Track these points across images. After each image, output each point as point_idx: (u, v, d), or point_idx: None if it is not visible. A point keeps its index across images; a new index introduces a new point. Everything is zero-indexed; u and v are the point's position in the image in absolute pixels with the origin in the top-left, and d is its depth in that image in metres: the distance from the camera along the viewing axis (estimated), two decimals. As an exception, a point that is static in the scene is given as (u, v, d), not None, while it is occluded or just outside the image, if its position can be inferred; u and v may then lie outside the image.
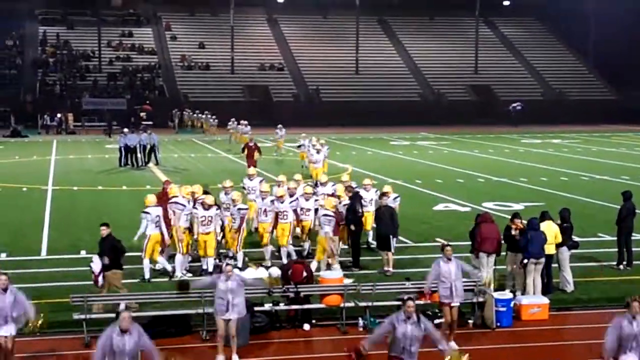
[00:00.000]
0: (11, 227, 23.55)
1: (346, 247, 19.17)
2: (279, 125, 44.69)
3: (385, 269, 18.11)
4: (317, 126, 59.92)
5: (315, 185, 22.90)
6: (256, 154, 34.14)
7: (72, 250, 20.11)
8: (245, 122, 48.77)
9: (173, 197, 18.50)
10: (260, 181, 21.82)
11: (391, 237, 18.32)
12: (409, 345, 10.66)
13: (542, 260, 15.92)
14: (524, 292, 15.86)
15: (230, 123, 50.88)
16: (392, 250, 18.37)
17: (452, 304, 13.49)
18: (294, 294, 14.70)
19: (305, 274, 14.95)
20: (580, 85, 77.11)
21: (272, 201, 19.01)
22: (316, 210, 19.01)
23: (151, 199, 18.03)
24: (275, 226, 18.87)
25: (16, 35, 73.47)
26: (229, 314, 12.72)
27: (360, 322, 14.66)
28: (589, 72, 79.39)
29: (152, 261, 17.82)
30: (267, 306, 14.70)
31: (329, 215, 17.85)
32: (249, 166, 32.52)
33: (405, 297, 11.17)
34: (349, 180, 21.74)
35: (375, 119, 65.67)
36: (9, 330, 12.06)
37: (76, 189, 30.29)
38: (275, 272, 15.65)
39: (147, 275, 17.52)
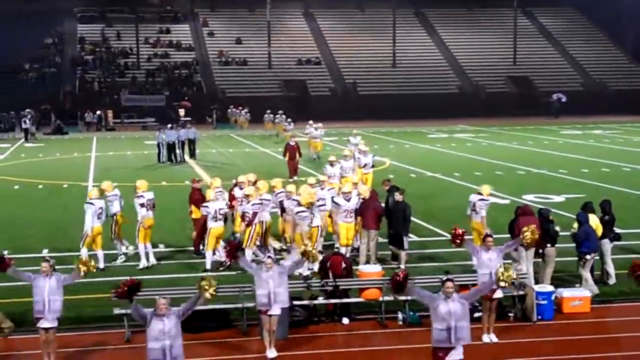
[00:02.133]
0: (52, 223, 23.84)
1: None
2: (318, 124, 40.54)
3: (401, 266, 17.47)
4: (354, 120, 59.83)
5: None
6: (297, 156, 32.67)
7: (112, 246, 20.27)
8: (289, 120, 48.65)
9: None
10: (341, 167, 22.31)
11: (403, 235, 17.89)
12: (453, 323, 10.64)
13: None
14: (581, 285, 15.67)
15: (277, 116, 50.83)
16: (406, 248, 17.90)
17: (493, 296, 13.40)
18: (332, 287, 14.67)
19: (344, 265, 14.93)
20: (621, 75, 76.01)
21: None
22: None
23: (94, 192, 18.60)
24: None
25: (55, 34, 74.30)
26: (273, 310, 12.73)
27: (400, 315, 14.60)
28: (629, 61, 78.25)
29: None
30: (306, 300, 14.70)
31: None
32: (290, 169, 32.23)
33: (444, 277, 11.18)
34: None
35: (412, 112, 65.34)
36: (54, 322, 12.25)
37: (116, 185, 30.57)
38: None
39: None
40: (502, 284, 11.59)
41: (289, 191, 18.53)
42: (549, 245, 15.98)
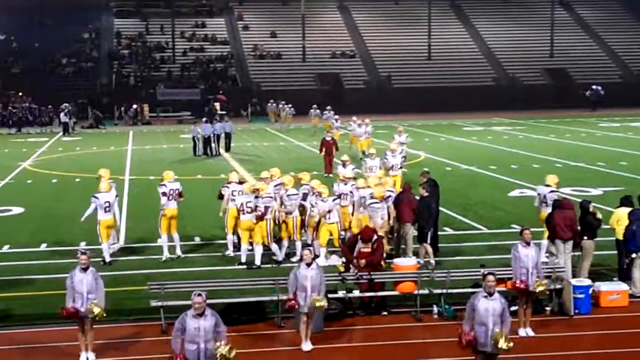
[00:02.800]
0: (89, 217, 24.01)
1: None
2: (365, 120, 37.71)
3: (427, 260, 17.34)
4: (388, 113, 59.68)
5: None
6: (333, 151, 31.62)
7: (148, 239, 20.45)
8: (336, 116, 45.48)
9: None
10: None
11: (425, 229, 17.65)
12: (490, 321, 10.54)
13: None
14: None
15: (326, 112, 47.77)
16: (428, 241, 17.64)
17: (531, 289, 13.33)
18: (367, 280, 14.66)
19: (374, 233, 15.01)
20: (660, 66, 74.94)
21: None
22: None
23: (103, 186, 18.69)
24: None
25: (92, 29, 74.99)
26: (307, 307, 12.78)
27: (435, 309, 14.55)
28: (670, 52, 77.10)
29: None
30: (341, 293, 14.70)
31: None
32: (327, 165, 31.87)
33: (485, 271, 11.11)
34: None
35: (447, 105, 65.01)
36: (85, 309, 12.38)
37: (152, 179, 30.76)
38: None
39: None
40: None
41: (312, 187, 18.40)
42: (585, 237, 15.82)
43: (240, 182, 19.36)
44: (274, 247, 18.03)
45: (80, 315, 12.37)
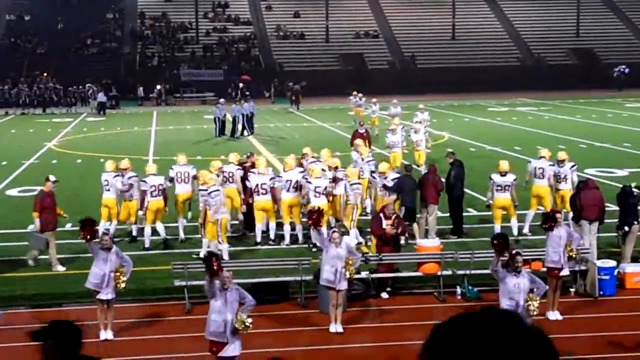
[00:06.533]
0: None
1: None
2: (373, 100, 39.04)
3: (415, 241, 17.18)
4: (412, 94, 59.37)
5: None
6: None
7: (172, 219, 20.48)
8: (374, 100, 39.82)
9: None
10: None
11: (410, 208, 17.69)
12: (521, 297, 10.71)
13: None
14: None
15: (351, 98, 43.12)
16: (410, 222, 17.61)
17: (562, 273, 13.31)
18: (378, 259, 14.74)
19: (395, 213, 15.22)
20: (688, 46, 73.92)
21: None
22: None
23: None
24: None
25: (116, 9, 75.10)
26: (340, 285, 12.75)
27: (458, 290, 14.51)
28: (698, 32, 76.05)
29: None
30: (364, 274, 14.69)
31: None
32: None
33: (514, 251, 11.16)
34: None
35: (472, 85, 64.51)
36: (113, 293, 12.48)
37: (176, 159, 30.87)
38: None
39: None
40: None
41: (346, 174, 18.30)
42: (635, 223, 15.61)
43: (241, 163, 19.37)
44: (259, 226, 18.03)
45: (101, 297, 12.47)
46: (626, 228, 15.54)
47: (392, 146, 25.92)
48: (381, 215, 14.95)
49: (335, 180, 17.94)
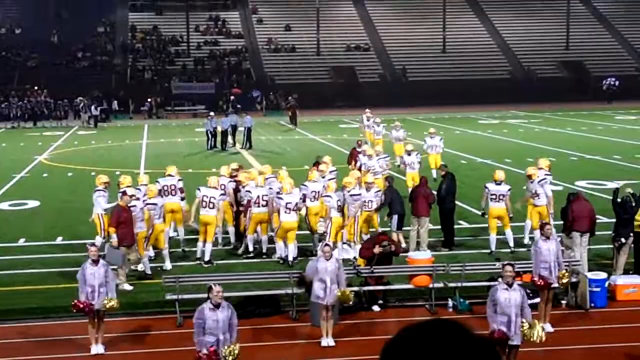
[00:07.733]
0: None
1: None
2: (378, 120, 35.14)
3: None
4: (403, 106, 59.51)
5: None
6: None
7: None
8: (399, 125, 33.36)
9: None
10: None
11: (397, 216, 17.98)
12: (513, 312, 10.58)
13: None
14: None
15: (365, 117, 37.29)
16: (401, 230, 18.07)
17: (553, 285, 13.24)
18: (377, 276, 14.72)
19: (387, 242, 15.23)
20: (677, 58, 74.34)
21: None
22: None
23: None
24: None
25: (107, 22, 75.15)
26: (327, 299, 12.72)
27: (450, 302, 14.51)
28: (687, 45, 76.48)
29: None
30: (355, 287, 14.68)
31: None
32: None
33: (504, 262, 11.13)
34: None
35: (463, 98, 64.70)
36: (99, 303, 12.44)
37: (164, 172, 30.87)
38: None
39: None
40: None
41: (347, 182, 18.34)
42: (631, 234, 15.68)
43: (232, 176, 19.50)
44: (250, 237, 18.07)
45: (92, 309, 12.42)
46: (622, 240, 15.54)
47: (409, 166, 24.50)
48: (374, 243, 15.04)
49: (304, 198, 18.01)
